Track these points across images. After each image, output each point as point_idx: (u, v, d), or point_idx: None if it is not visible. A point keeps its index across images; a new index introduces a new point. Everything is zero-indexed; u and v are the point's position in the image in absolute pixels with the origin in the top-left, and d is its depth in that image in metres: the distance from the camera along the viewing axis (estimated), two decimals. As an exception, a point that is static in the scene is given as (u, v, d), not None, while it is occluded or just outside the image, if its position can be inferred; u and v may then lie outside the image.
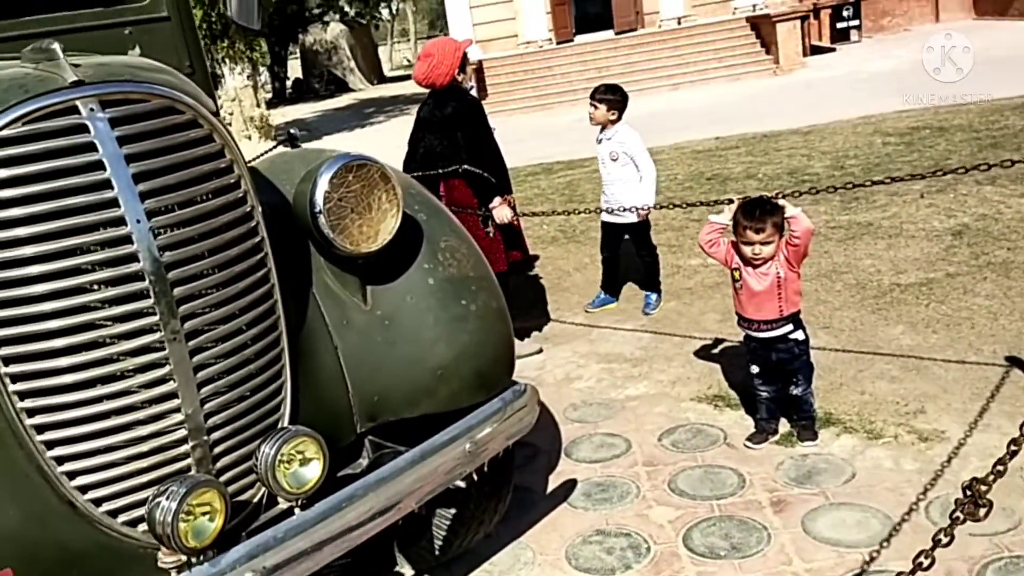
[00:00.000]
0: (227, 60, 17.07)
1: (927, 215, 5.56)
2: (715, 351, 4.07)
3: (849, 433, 3.18)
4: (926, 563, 1.49)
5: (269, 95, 27.66)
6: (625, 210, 4.46)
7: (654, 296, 4.82)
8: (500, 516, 2.66)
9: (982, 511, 1.52)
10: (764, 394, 3.22)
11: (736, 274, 3.14)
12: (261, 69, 25.12)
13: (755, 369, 3.23)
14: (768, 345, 3.14)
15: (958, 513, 1.53)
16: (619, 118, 4.63)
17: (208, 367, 1.75)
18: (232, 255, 1.81)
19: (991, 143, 7.18)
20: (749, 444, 3.19)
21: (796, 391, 3.17)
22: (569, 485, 3.10)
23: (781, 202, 3.03)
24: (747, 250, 3.03)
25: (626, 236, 4.83)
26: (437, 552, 2.61)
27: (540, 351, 4.38)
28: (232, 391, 1.79)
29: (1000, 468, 1.57)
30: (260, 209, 1.91)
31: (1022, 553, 2.41)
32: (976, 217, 5.37)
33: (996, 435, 2.99)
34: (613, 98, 4.60)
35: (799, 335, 3.13)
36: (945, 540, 1.51)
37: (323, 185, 2.02)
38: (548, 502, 3.02)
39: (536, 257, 6.02)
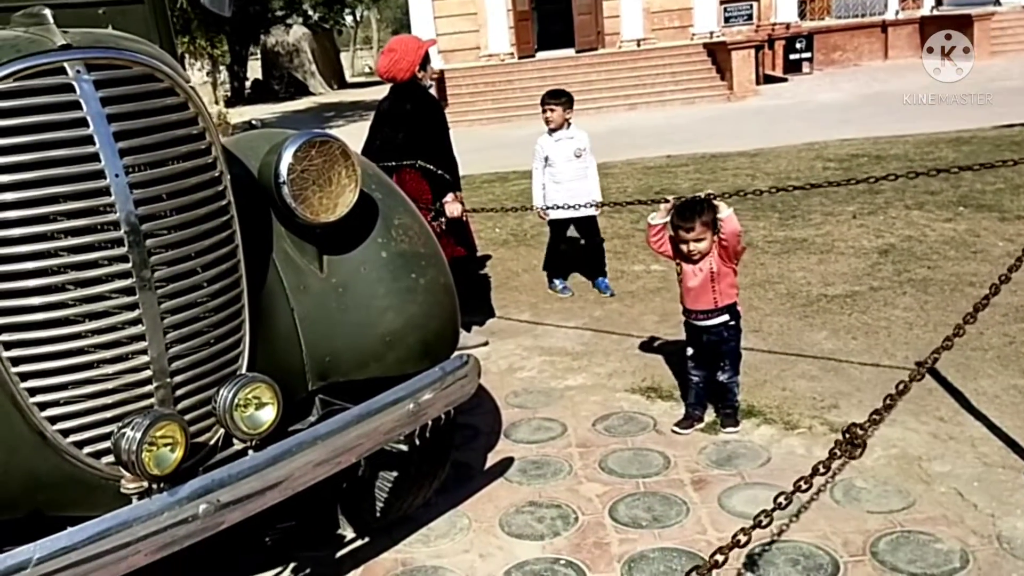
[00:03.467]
0: (187, 56, 17.00)
1: (857, 234, 5.89)
2: (651, 348, 4.30)
3: (768, 424, 3.42)
4: (804, 487, 1.71)
5: (228, 94, 27.49)
6: (582, 206, 4.62)
7: (606, 280, 5.34)
8: (439, 483, 2.83)
9: (858, 451, 1.74)
10: (695, 378, 3.46)
11: (678, 268, 3.40)
12: (221, 67, 25.00)
13: (690, 351, 3.48)
14: (704, 330, 3.39)
15: (836, 450, 1.75)
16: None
17: (174, 314, 1.89)
18: (201, 214, 1.96)
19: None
20: (676, 429, 3.42)
21: (723, 377, 3.41)
22: (506, 462, 3.28)
23: (716, 202, 3.27)
24: (683, 247, 3.27)
25: (572, 229, 5.26)
26: (378, 515, 2.76)
27: (486, 343, 4.56)
28: (195, 338, 1.94)
29: (876, 418, 1.79)
30: (228, 176, 2.07)
31: (912, 529, 2.65)
32: (902, 238, 5.72)
33: (900, 429, 3.25)
34: (566, 99, 5.01)
35: (732, 323, 3.38)
36: (822, 470, 1.73)
37: (287, 158, 2.19)
38: (485, 477, 3.20)
39: (486, 257, 6.22)
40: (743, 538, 1.62)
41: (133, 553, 1.75)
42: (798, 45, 19.75)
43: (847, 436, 1.77)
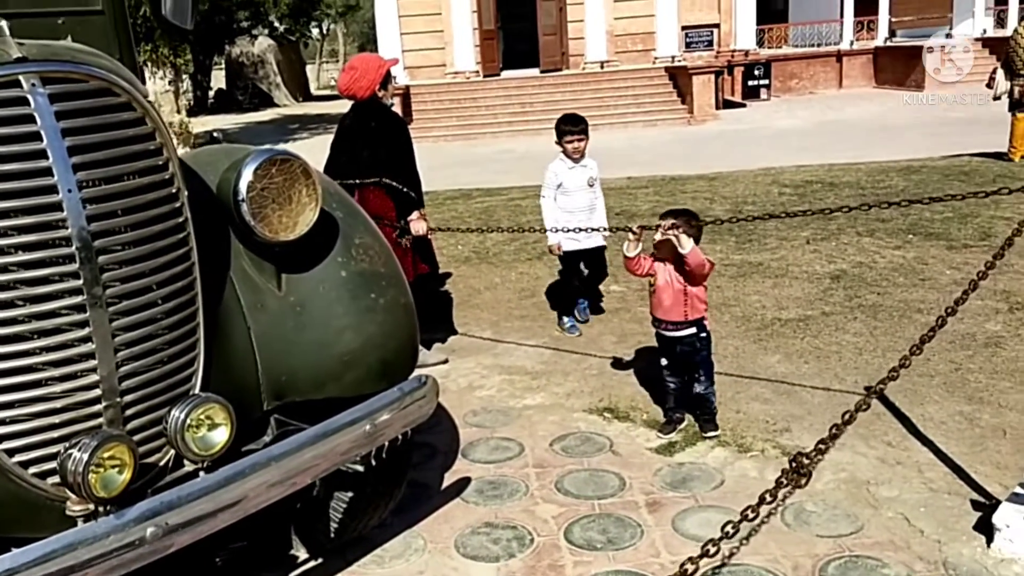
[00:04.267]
0: (149, 64, 16.79)
1: (811, 259, 6.01)
2: (609, 369, 4.34)
3: (723, 446, 3.46)
4: (751, 515, 1.73)
5: (190, 103, 27.17)
6: (595, 230, 4.62)
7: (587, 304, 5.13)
8: (395, 503, 2.81)
9: (803, 480, 1.77)
10: (671, 385, 3.61)
11: (651, 280, 3.53)
12: (184, 76, 24.71)
13: (664, 361, 3.62)
14: (675, 341, 3.53)
15: (783, 479, 1.78)
16: None
17: (126, 332, 1.86)
18: (156, 230, 1.93)
19: (875, 200, 7.77)
20: (660, 434, 3.55)
21: (699, 388, 3.55)
22: (463, 482, 3.27)
23: (679, 236, 3.32)
24: (656, 238, 3.44)
25: (581, 261, 4.92)
26: (332, 536, 2.73)
27: (446, 361, 4.55)
28: (147, 357, 1.91)
29: (822, 447, 1.83)
30: (185, 192, 2.05)
31: (860, 553, 2.69)
32: (854, 264, 5.85)
33: (849, 453, 3.31)
34: (585, 126, 4.76)
35: (702, 334, 3.52)
36: (769, 499, 1.76)
37: (247, 175, 2.17)
38: (442, 496, 3.18)
39: (447, 274, 6.21)
40: (691, 567, 1.64)
41: (79, 576, 1.71)
42: (756, 72, 20.20)
43: (793, 465, 1.81)
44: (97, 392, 1.83)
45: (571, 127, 4.71)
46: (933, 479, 3.09)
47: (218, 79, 31.92)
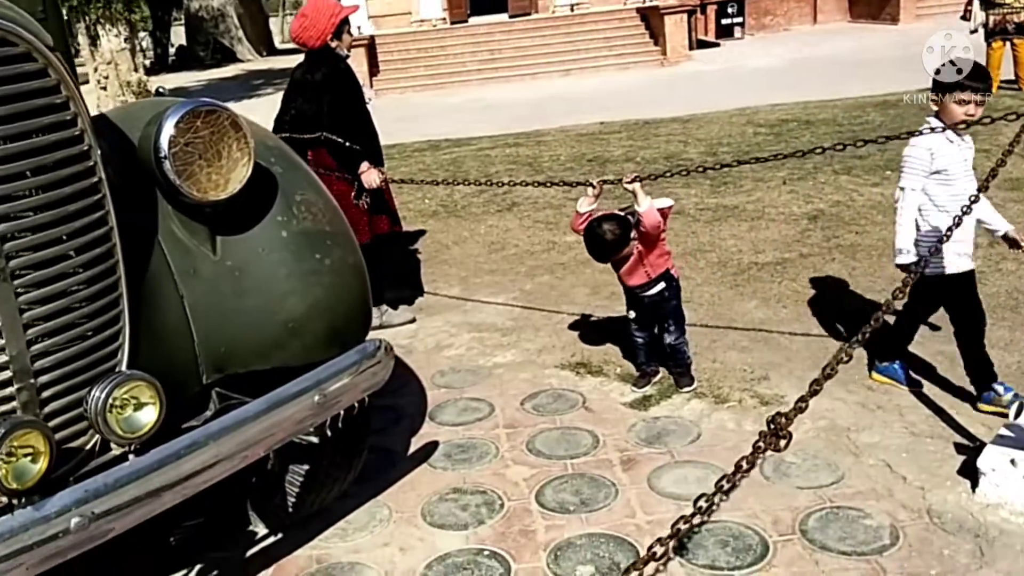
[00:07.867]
0: (102, 21, 16.17)
1: (787, 200, 5.88)
2: (581, 322, 4.20)
3: (699, 398, 3.35)
4: (726, 486, 1.62)
5: (150, 61, 26.39)
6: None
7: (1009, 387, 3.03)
8: (355, 474, 2.68)
9: (782, 442, 1.65)
10: (639, 339, 3.48)
11: None
12: (142, 34, 23.92)
13: (632, 314, 3.47)
14: (642, 296, 3.40)
15: (760, 443, 1.66)
16: None
17: (36, 307, 1.69)
18: (65, 194, 1.74)
19: (851, 136, 7.62)
20: (635, 388, 3.44)
21: (670, 339, 3.42)
22: (430, 447, 3.15)
23: (636, 190, 3.16)
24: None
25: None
26: (291, 510, 2.60)
27: (413, 320, 4.40)
28: (63, 333, 1.74)
29: (802, 405, 1.70)
30: (99, 151, 1.85)
31: (842, 504, 2.60)
32: (831, 203, 5.72)
33: (828, 399, 3.20)
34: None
35: (672, 283, 3.39)
36: (745, 467, 1.64)
37: (168, 129, 1.98)
38: (408, 463, 3.06)
39: (419, 232, 6.03)
40: (658, 550, 1.51)
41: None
42: (730, 10, 19.80)
43: (772, 427, 1.68)
44: (7, 374, 1.66)
45: (973, 81, 3.02)
46: (915, 422, 3.00)
47: (179, 35, 31.00)
